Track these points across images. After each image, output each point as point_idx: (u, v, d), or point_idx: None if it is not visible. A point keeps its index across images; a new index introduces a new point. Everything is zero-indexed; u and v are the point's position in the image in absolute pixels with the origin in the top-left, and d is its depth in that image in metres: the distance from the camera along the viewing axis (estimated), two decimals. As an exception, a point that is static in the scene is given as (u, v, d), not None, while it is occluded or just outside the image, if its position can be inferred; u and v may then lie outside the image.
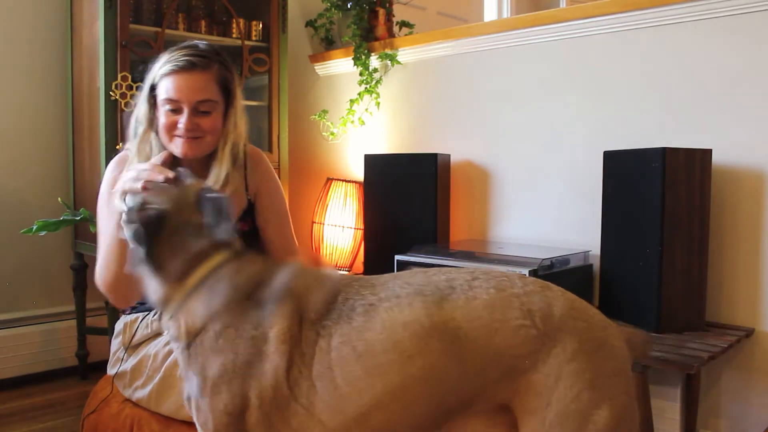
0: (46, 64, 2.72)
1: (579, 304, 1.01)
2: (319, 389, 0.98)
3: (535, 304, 0.97)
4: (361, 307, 0.99)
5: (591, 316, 1.00)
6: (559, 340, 0.95)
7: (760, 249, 1.93)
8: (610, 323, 1.02)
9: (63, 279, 2.77)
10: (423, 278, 1.01)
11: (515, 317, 0.95)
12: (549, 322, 0.95)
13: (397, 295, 0.99)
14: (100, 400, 1.51)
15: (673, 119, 2.09)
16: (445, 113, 2.76)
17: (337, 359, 0.97)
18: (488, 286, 0.98)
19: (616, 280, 2.03)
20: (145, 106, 1.47)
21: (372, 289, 1.02)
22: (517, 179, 2.52)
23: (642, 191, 1.89)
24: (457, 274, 1.01)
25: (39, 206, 2.67)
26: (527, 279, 1.02)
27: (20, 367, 2.64)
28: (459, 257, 2.19)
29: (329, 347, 0.98)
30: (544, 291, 0.99)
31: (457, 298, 0.97)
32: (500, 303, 0.96)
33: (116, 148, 2.42)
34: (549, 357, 0.94)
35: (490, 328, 0.94)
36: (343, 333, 0.98)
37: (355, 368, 0.96)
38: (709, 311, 1.96)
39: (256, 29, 2.92)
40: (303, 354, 0.99)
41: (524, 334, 0.94)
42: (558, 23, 2.35)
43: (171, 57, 1.44)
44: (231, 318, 1.03)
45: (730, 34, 1.97)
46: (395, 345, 0.95)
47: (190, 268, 1.07)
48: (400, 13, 3.27)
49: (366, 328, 0.97)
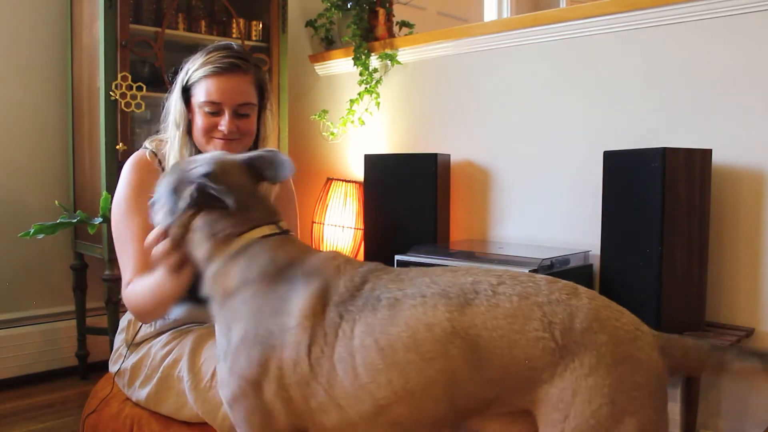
0: (46, 64, 2.72)
1: (605, 313, 0.97)
2: (339, 372, 0.99)
3: (557, 315, 0.95)
4: (387, 300, 1.00)
5: (616, 328, 0.96)
6: (577, 354, 0.93)
7: (760, 249, 1.93)
8: (640, 333, 0.98)
9: (63, 279, 2.77)
10: (450, 278, 1.01)
11: (535, 329, 0.94)
12: (568, 336, 0.94)
13: (423, 294, 0.99)
14: (100, 399, 1.51)
15: (673, 119, 2.09)
16: (445, 113, 2.76)
17: (360, 347, 0.98)
18: (512, 293, 0.97)
19: (616, 280, 2.03)
20: (182, 106, 1.47)
21: (399, 284, 1.02)
22: (517, 179, 2.52)
23: (642, 191, 1.89)
24: (485, 276, 1.01)
25: (39, 206, 2.67)
26: (555, 285, 1.00)
27: (20, 367, 2.64)
28: (459, 257, 2.19)
29: (352, 333, 1.00)
30: (570, 300, 0.97)
31: (479, 304, 0.97)
32: (522, 313, 0.95)
33: (116, 148, 2.42)
34: (566, 371, 0.93)
35: (510, 339, 0.94)
36: (367, 322, 0.99)
37: (377, 360, 0.97)
38: (709, 311, 1.96)
39: (256, 29, 2.92)
40: (326, 334, 1.01)
41: (542, 347, 0.94)
42: (558, 23, 2.35)
43: (209, 58, 1.43)
44: (262, 288, 1.07)
45: (730, 34, 1.97)
46: (417, 345, 0.96)
47: (238, 232, 1.12)
48: (400, 13, 3.27)
49: (390, 322, 0.98)
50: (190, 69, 1.46)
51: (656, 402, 0.95)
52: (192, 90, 1.45)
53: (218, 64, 1.42)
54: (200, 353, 1.37)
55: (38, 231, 2.05)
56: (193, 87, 1.45)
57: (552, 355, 0.93)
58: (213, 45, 1.49)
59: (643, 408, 0.94)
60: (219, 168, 1.15)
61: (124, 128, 2.45)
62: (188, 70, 1.47)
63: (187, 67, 1.48)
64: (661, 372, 0.98)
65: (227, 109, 1.43)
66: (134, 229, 1.42)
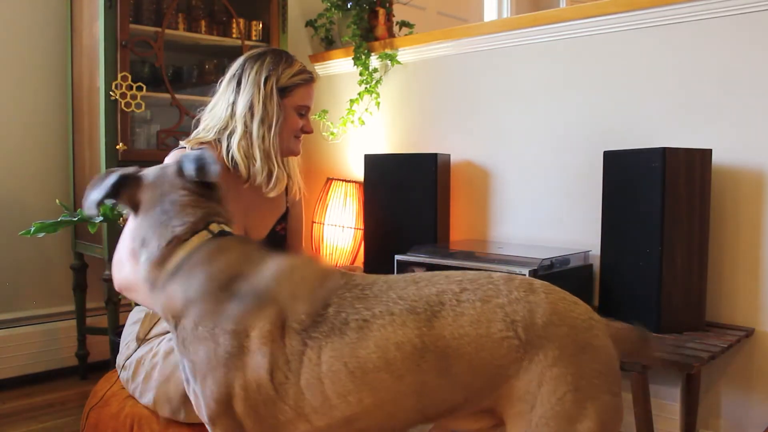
0: (46, 64, 2.72)
1: (562, 306, 1.02)
2: (308, 396, 0.99)
3: (518, 313, 0.99)
4: (355, 323, 1.00)
5: (573, 319, 1.01)
6: (541, 347, 0.98)
7: (760, 249, 1.93)
8: (595, 322, 1.03)
9: (63, 279, 2.77)
10: (415, 292, 1.03)
11: (499, 329, 0.98)
12: (531, 331, 0.98)
13: (391, 312, 1.00)
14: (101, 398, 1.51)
15: (673, 119, 2.09)
16: (445, 113, 2.76)
17: (328, 373, 0.98)
18: (475, 298, 1.01)
19: (616, 280, 2.03)
20: (278, 109, 1.58)
21: (366, 302, 1.02)
22: (517, 179, 2.52)
23: (642, 191, 1.89)
24: (447, 284, 1.04)
25: (39, 206, 2.67)
26: (513, 283, 1.04)
27: (20, 367, 2.64)
28: (459, 257, 2.19)
29: (319, 360, 0.98)
30: (528, 296, 1.01)
31: (446, 315, 1.00)
32: (485, 316, 0.99)
33: (116, 148, 2.42)
34: (531, 364, 0.97)
35: (477, 343, 0.98)
36: (335, 348, 0.99)
37: (347, 383, 0.98)
38: (709, 311, 1.96)
39: (256, 29, 2.92)
40: (288, 361, 0.99)
41: (508, 345, 0.98)
42: (558, 23, 2.35)
43: (300, 68, 1.62)
44: (208, 308, 1.02)
45: (730, 34, 1.97)
46: (388, 365, 0.98)
47: (171, 249, 1.08)
48: (400, 13, 3.27)
49: (359, 345, 0.99)
50: (280, 75, 1.58)
51: (614, 387, 1.01)
52: (288, 94, 1.60)
53: (308, 74, 1.63)
54: None
55: (39, 229, 2.04)
56: (289, 91, 1.60)
57: (517, 352, 0.98)
58: (284, 52, 1.65)
59: (603, 393, 0.99)
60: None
61: (124, 128, 2.45)
62: (277, 76, 1.58)
63: (271, 74, 1.57)
64: (615, 358, 1.03)
65: (308, 112, 1.67)
66: None
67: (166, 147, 2.61)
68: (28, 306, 2.71)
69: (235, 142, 1.57)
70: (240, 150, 1.56)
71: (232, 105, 1.58)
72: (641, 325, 1.87)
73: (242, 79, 1.58)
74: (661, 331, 1.84)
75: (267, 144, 1.58)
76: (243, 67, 1.60)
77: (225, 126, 1.59)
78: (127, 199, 1.14)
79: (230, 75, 1.62)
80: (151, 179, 1.15)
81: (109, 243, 2.42)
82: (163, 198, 1.12)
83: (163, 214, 1.10)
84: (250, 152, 1.57)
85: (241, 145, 1.56)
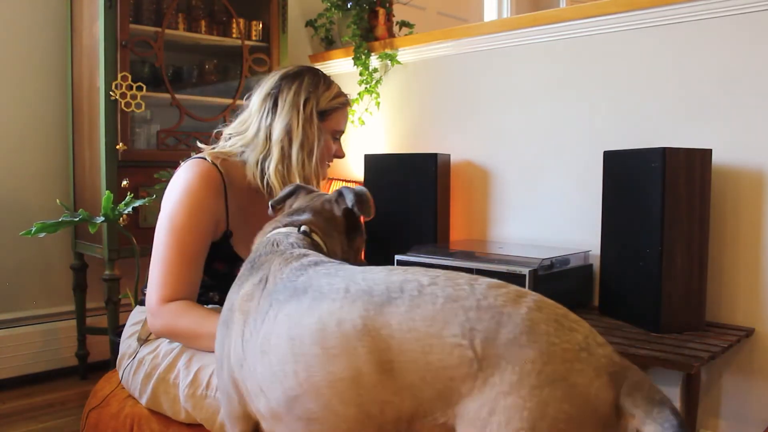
0: (46, 64, 2.72)
1: (544, 327, 0.83)
2: (259, 356, 1.00)
3: (482, 322, 0.83)
4: (313, 292, 0.98)
5: (551, 344, 0.81)
6: (497, 368, 0.81)
7: (760, 249, 1.93)
8: (586, 355, 0.81)
9: (63, 279, 2.77)
10: (382, 276, 0.96)
11: (453, 334, 0.84)
12: (490, 346, 0.82)
13: (347, 289, 0.95)
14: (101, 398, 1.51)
15: (673, 119, 2.09)
16: (445, 113, 2.76)
17: (275, 335, 0.99)
18: (440, 294, 0.88)
19: (616, 280, 2.03)
20: (318, 132, 1.53)
21: (332, 278, 0.99)
22: (517, 179, 2.52)
23: (642, 191, 1.89)
24: (418, 275, 0.93)
25: (39, 206, 2.67)
26: (496, 290, 0.88)
27: (20, 367, 2.64)
28: (459, 257, 2.19)
29: (275, 320, 1.00)
30: (505, 307, 0.85)
31: (400, 304, 0.89)
32: (442, 316, 0.85)
33: (116, 148, 2.42)
34: (486, 386, 0.81)
35: (425, 343, 0.85)
36: (288, 312, 0.99)
37: (285, 350, 0.96)
38: (709, 311, 1.96)
39: (256, 29, 2.92)
40: (255, 319, 1.04)
41: (459, 355, 0.83)
42: (558, 23, 2.35)
43: (338, 91, 1.61)
44: (240, 275, 1.15)
45: (730, 34, 1.97)
46: (323, 339, 0.92)
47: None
48: (400, 13, 3.27)
49: (307, 313, 0.96)
50: (320, 98, 1.54)
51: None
52: (326, 117, 1.57)
53: (346, 97, 1.63)
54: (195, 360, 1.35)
55: (40, 229, 2.05)
56: (327, 114, 1.57)
57: (469, 366, 0.82)
58: (320, 72, 1.60)
59: None
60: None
61: (124, 128, 2.45)
62: (317, 98, 1.54)
63: (310, 96, 1.52)
64: (604, 406, 0.80)
65: (341, 136, 1.65)
66: (186, 248, 1.38)
67: (166, 147, 2.62)
68: (28, 306, 2.71)
69: (271, 167, 1.48)
70: (277, 175, 1.47)
71: (268, 127, 1.49)
72: (641, 325, 1.89)
73: (279, 100, 1.50)
74: (661, 330, 1.84)
75: (308, 171, 1.50)
76: (279, 87, 1.51)
77: (256, 146, 1.50)
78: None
79: (264, 93, 1.52)
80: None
81: (109, 243, 2.42)
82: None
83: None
84: (287, 178, 1.48)
85: (278, 169, 1.47)
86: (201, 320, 1.33)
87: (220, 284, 1.49)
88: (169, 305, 1.35)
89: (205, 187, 1.42)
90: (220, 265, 1.48)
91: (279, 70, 1.58)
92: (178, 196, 1.41)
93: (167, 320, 1.35)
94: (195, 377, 1.31)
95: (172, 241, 1.38)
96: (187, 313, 1.34)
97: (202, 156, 1.47)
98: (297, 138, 1.49)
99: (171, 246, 1.38)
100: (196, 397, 1.30)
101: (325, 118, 1.56)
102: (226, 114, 2.74)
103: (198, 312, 1.35)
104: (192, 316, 1.34)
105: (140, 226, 2.48)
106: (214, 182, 1.44)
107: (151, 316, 1.37)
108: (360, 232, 1.33)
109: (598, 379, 0.80)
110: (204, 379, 1.30)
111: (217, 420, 1.26)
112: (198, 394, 1.30)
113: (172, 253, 1.37)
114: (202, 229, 1.40)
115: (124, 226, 2.33)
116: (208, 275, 1.46)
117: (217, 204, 1.43)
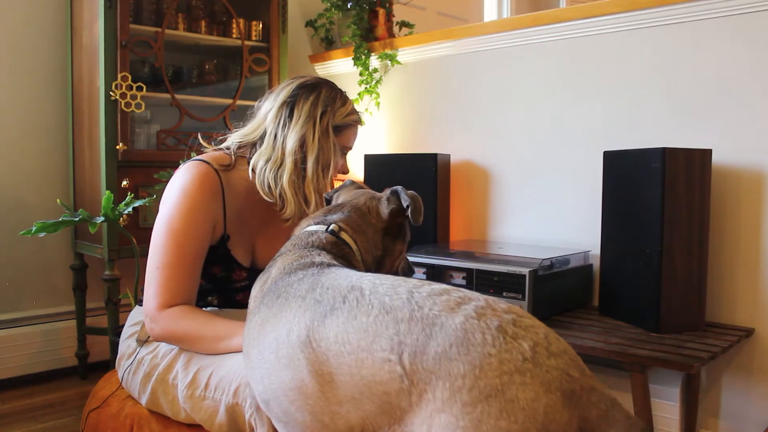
0: (46, 64, 2.72)
1: (479, 337, 0.76)
2: (245, 359, 1.08)
3: (412, 335, 0.79)
4: (283, 299, 1.00)
5: (485, 356, 0.74)
6: (428, 383, 0.76)
7: (760, 249, 1.93)
8: (530, 366, 0.74)
9: (63, 279, 2.77)
10: (342, 283, 0.94)
11: (382, 348, 0.81)
12: (418, 361, 0.78)
13: (304, 297, 0.94)
14: (101, 398, 1.51)
15: (673, 119, 2.09)
16: (445, 113, 2.76)
17: (250, 339, 1.05)
18: (377, 304, 0.85)
19: (616, 280, 2.03)
20: (333, 147, 1.53)
21: (304, 284, 0.99)
22: (517, 179, 2.52)
23: (642, 191, 1.89)
24: (364, 281, 0.91)
25: (39, 206, 2.67)
26: (435, 298, 0.83)
27: (20, 367, 2.64)
28: (459, 257, 2.19)
29: (252, 325, 1.06)
30: (440, 316, 0.79)
31: (339, 315, 0.87)
32: (374, 329, 0.82)
33: (116, 148, 2.42)
34: (421, 402, 0.77)
35: (357, 357, 0.83)
36: (262, 317, 1.03)
37: (253, 351, 1.02)
38: (709, 311, 1.96)
39: (256, 29, 2.92)
40: (249, 320, 1.09)
41: (389, 370, 0.79)
42: (558, 23, 2.35)
43: (353, 108, 1.59)
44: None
45: (730, 34, 1.97)
46: (276, 348, 0.94)
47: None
48: (400, 13, 3.27)
49: (273, 320, 0.98)
50: (336, 112, 1.53)
51: None
52: (339, 132, 1.55)
53: (358, 115, 1.62)
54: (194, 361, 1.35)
55: (40, 229, 2.05)
56: (341, 130, 1.56)
57: (400, 382, 0.78)
58: (337, 86, 1.60)
59: None
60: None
61: (124, 128, 2.45)
62: (333, 113, 1.53)
63: (327, 110, 1.51)
64: (558, 427, 0.72)
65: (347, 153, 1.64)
66: (184, 252, 1.36)
67: (166, 147, 2.62)
68: (28, 306, 2.71)
69: (285, 177, 1.45)
70: (292, 186, 1.45)
71: (283, 135, 1.47)
72: (641, 325, 1.89)
73: (295, 109, 1.47)
74: (660, 331, 1.84)
75: (321, 185, 1.50)
76: (296, 96, 1.48)
77: (267, 154, 1.47)
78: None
79: (281, 100, 1.48)
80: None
81: (109, 243, 2.42)
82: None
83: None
84: (301, 190, 1.46)
85: (292, 180, 1.45)
86: (201, 325, 1.32)
87: (217, 288, 1.49)
88: (168, 310, 1.34)
89: (202, 190, 1.40)
90: (217, 269, 1.47)
91: (294, 78, 1.55)
92: (175, 199, 1.40)
93: (167, 325, 1.34)
94: (194, 378, 1.31)
95: (171, 245, 1.36)
96: (187, 317, 1.33)
97: (200, 158, 1.46)
98: (313, 151, 1.47)
99: (169, 250, 1.36)
100: (195, 397, 1.30)
101: (338, 133, 1.55)
102: (226, 114, 2.74)
103: (198, 316, 1.34)
104: (192, 320, 1.33)
105: (140, 226, 2.48)
106: (211, 185, 1.42)
107: (150, 321, 1.36)
108: (403, 236, 1.33)
109: (548, 395, 0.72)
110: (202, 380, 1.30)
111: (216, 420, 1.26)
112: (196, 395, 1.30)
113: (170, 258, 1.36)
114: (201, 232, 1.38)
115: (124, 226, 2.33)
116: (206, 279, 1.45)
117: (215, 207, 1.42)
